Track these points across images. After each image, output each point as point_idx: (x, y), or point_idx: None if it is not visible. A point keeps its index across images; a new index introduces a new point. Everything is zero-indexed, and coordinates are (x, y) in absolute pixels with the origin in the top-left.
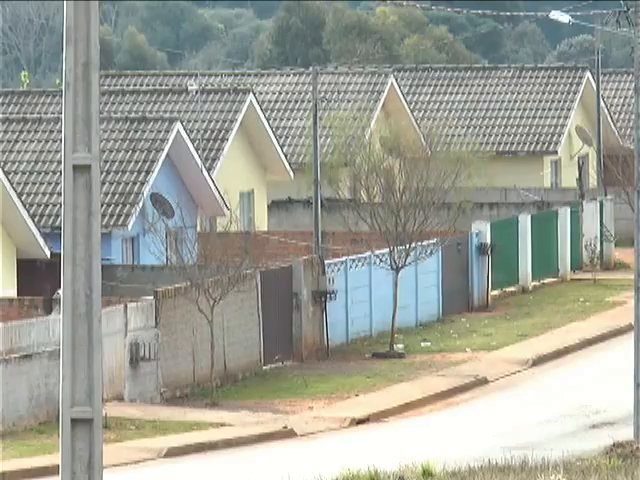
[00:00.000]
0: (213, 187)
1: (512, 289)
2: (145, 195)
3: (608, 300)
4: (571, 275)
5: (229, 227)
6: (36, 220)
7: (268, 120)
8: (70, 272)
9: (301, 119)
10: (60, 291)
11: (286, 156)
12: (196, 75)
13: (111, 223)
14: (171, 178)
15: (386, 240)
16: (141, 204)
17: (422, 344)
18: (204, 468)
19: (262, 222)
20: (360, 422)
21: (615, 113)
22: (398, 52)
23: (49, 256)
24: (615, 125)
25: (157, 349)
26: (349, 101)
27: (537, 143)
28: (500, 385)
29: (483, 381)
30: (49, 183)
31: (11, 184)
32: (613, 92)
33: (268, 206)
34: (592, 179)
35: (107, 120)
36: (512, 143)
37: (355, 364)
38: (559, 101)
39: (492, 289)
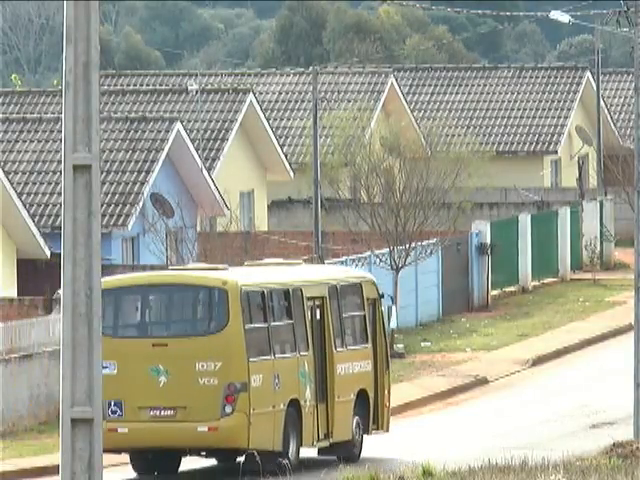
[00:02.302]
0: (213, 187)
1: (512, 289)
2: (145, 195)
3: (608, 300)
4: (571, 275)
5: (229, 227)
6: (36, 220)
7: (268, 120)
8: (70, 272)
9: (301, 119)
10: (60, 291)
11: (286, 156)
12: (196, 75)
13: (111, 223)
14: (171, 178)
15: (386, 240)
16: (141, 204)
17: (422, 344)
18: (204, 468)
19: (262, 222)
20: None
21: (615, 113)
22: (398, 52)
23: (49, 256)
24: (615, 125)
25: None
26: (349, 101)
27: (537, 143)
28: (500, 385)
29: (483, 381)
30: (49, 183)
31: (11, 184)
32: (613, 92)
33: (268, 206)
34: (592, 179)
35: (107, 120)
36: (512, 143)
37: None
38: (559, 101)
39: (492, 289)
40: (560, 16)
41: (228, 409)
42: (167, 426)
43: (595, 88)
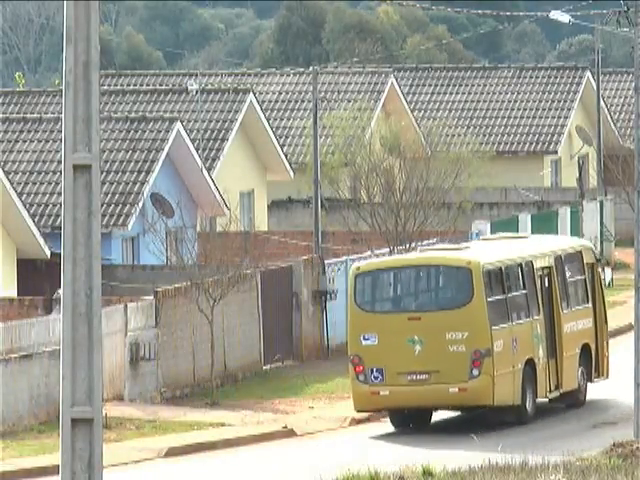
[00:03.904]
0: (213, 187)
1: None
2: (145, 195)
3: (608, 300)
4: None
5: (229, 227)
6: (36, 220)
7: (268, 120)
8: (70, 272)
9: (301, 119)
10: (60, 291)
11: (286, 156)
12: (196, 75)
13: (111, 223)
14: (171, 178)
15: (386, 240)
16: (141, 204)
17: None
18: (204, 468)
19: (262, 222)
20: (360, 422)
21: (615, 113)
22: (398, 52)
23: (49, 256)
24: (615, 125)
25: (157, 349)
26: (349, 101)
27: (537, 143)
28: None
29: None
30: (49, 183)
31: (11, 184)
32: (613, 92)
33: (268, 206)
34: (592, 179)
35: (107, 120)
36: (512, 143)
37: None
38: (559, 101)
39: None
40: (560, 16)
41: (475, 372)
42: (423, 388)
43: (595, 88)
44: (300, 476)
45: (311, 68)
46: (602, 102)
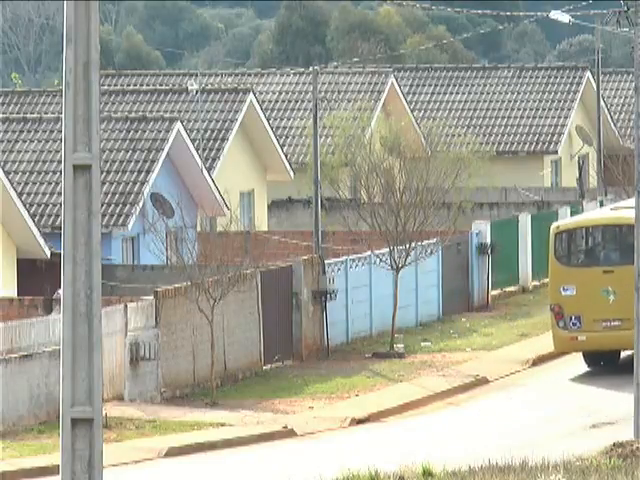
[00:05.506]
0: (213, 187)
1: (512, 289)
2: (145, 195)
3: None
4: None
5: (229, 227)
6: (36, 220)
7: (268, 120)
8: (70, 272)
9: (301, 119)
10: (60, 291)
11: (286, 156)
12: (196, 75)
13: (111, 223)
14: (171, 178)
15: (386, 240)
16: (141, 204)
17: (422, 344)
18: (204, 468)
19: (262, 222)
20: (360, 422)
21: (615, 113)
22: (400, 52)
23: (49, 256)
24: (615, 125)
25: (157, 349)
26: (349, 101)
27: (537, 143)
28: (500, 385)
29: (483, 381)
30: (49, 183)
31: (11, 184)
32: (613, 92)
33: (268, 206)
34: (592, 179)
35: (107, 120)
36: (512, 143)
37: (355, 364)
38: (559, 101)
39: (492, 289)
40: (560, 16)
41: None
42: (616, 334)
43: (595, 88)
44: (300, 476)
45: (311, 68)
46: (602, 102)
